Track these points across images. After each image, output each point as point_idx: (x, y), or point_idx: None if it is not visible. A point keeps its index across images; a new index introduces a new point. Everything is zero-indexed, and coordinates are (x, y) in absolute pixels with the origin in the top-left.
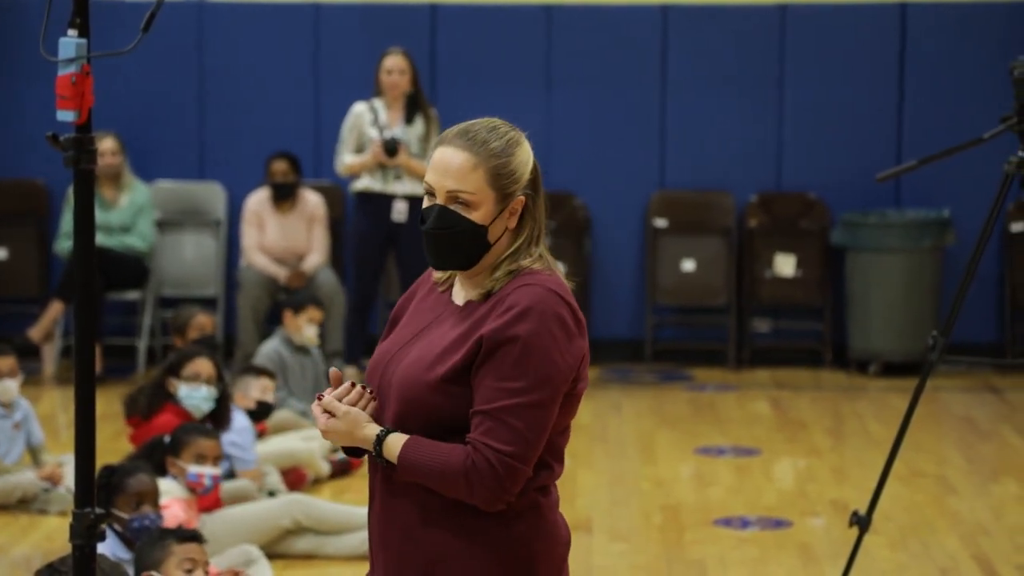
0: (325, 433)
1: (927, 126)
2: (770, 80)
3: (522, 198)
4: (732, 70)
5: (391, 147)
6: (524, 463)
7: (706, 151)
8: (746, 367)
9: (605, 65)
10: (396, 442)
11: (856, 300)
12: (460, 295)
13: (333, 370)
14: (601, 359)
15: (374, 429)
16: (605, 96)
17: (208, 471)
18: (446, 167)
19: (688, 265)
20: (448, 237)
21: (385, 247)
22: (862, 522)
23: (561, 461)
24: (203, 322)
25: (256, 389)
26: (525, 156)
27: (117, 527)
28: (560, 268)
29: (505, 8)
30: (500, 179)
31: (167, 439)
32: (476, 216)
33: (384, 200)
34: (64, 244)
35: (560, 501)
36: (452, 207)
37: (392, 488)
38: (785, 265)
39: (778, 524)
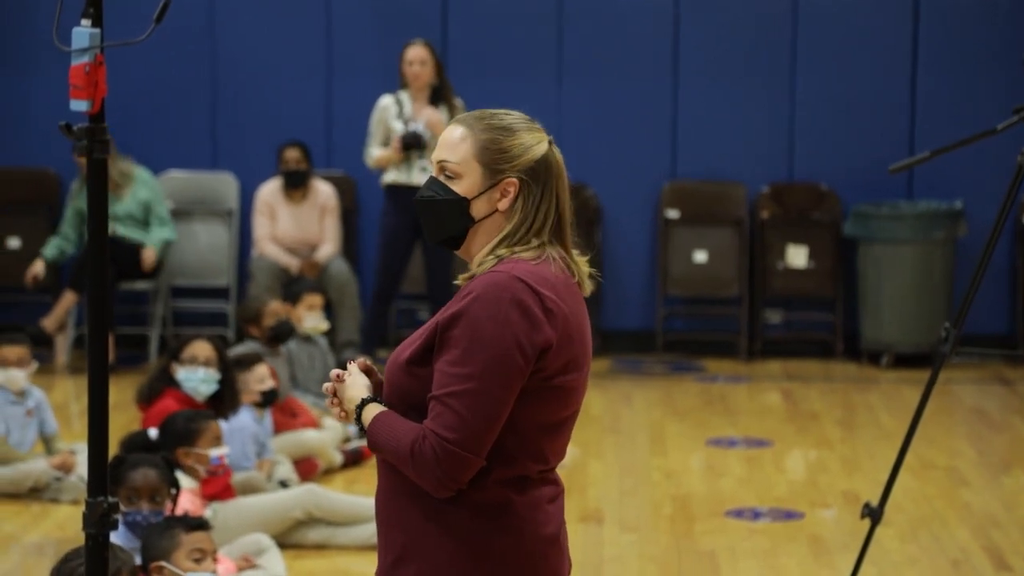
0: (333, 401)
1: (940, 117)
2: (782, 70)
3: (515, 180)
4: (744, 60)
5: (408, 142)
6: (467, 450)
7: (718, 142)
8: (757, 358)
9: (616, 55)
10: (371, 413)
11: (868, 292)
12: None
13: (360, 359)
14: (612, 350)
15: (361, 394)
16: (616, 86)
17: (226, 451)
18: (443, 140)
19: (700, 256)
20: (430, 206)
21: (414, 240)
22: (874, 514)
23: (541, 459)
24: (276, 308)
25: (253, 381)
26: (527, 141)
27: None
28: (576, 269)
29: None
30: (488, 153)
31: (151, 433)
32: (459, 187)
33: (411, 192)
34: (54, 246)
35: (554, 499)
36: (440, 177)
37: (382, 469)
38: (797, 256)
39: (789, 516)
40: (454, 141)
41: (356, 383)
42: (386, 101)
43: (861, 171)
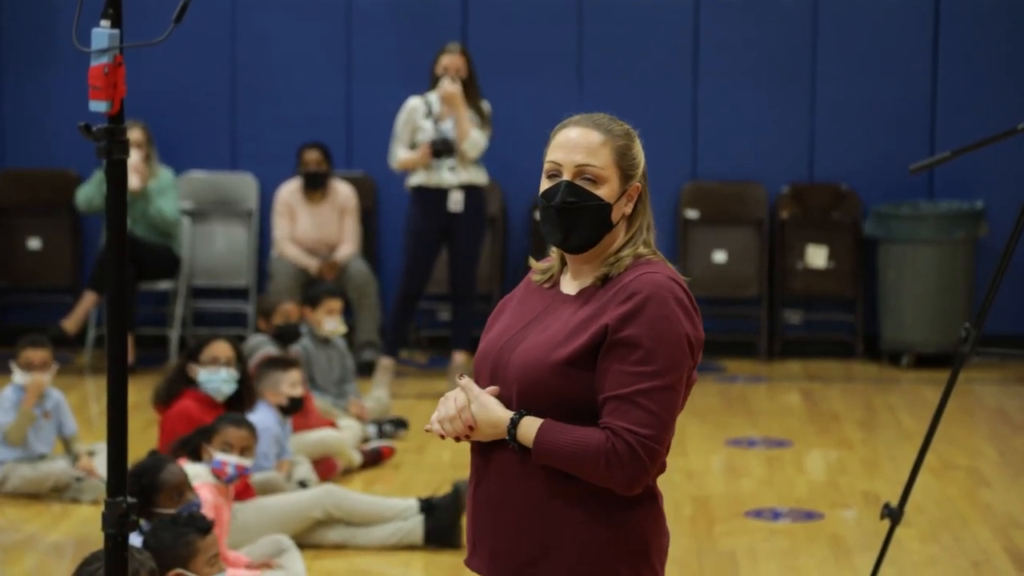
0: (453, 420)
1: (960, 117)
2: (802, 71)
3: (638, 185)
4: (764, 61)
5: (439, 149)
6: (661, 445)
7: (738, 142)
8: (777, 359)
9: (637, 56)
10: (531, 425)
11: (888, 292)
12: (572, 285)
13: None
14: None
15: (508, 412)
16: (636, 87)
17: (232, 460)
18: (575, 144)
19: (719, 256)
20: (576, 211)
21: (440, 241)
22: (894, 514)
23: (668, 451)
24: (288, 310)
25: (286, 384)
26: (640, 147)
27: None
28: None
29: None
30: (625, 159)
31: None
32: (602, 192)
33: (439, 193)
34: (83, 195)
35: None
36: (578, 182)
37: (510, 472)
38: (817, 256)
39: (809, 516)
40: (593, 145)
41: (490, 402)
42: (415, 102)
43: (881, 171)
